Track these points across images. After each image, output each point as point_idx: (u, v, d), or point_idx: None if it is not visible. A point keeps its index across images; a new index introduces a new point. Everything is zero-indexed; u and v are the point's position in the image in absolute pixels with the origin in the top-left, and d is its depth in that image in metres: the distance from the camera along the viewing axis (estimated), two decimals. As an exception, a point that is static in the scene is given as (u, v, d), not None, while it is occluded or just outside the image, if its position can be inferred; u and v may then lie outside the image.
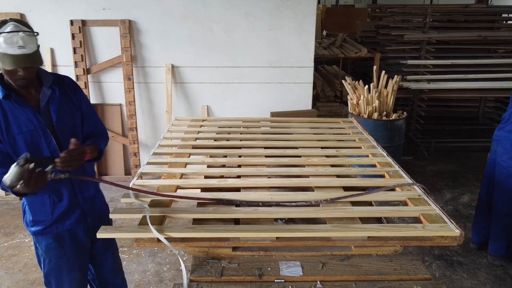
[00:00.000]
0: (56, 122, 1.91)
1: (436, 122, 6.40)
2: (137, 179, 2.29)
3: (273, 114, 4.63)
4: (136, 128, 4.73)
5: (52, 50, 4.57)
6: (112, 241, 2.35)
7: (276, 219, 2.07)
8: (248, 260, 1.80)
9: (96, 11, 4.47)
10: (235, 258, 1.80)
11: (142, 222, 1.77)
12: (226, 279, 1.69)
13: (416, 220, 1.95)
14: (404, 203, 2.09)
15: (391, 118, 4.28)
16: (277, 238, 1.75)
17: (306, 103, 4.80)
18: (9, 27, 1.69)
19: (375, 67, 4.40)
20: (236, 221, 1.91)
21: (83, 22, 4.48)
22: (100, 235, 1.73)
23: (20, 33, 1.68)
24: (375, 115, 4.25)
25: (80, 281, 2.16)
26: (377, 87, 4.33)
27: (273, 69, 4.67)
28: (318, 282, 1.70)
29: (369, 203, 2.15)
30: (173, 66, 4.63)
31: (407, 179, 2.31)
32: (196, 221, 1.94)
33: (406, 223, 1.93)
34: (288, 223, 2.06)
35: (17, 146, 1.83)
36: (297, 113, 4.61)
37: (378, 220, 2.05)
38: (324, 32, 9.54)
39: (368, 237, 1.77)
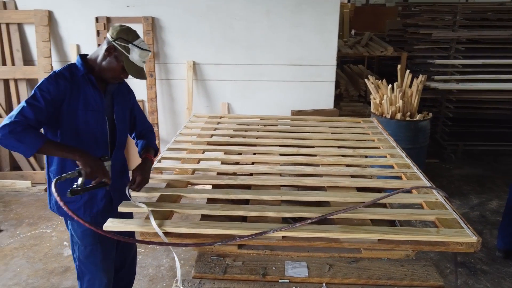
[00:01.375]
0: (115, 113, 2.07)
1: (465, 124, 6.15)
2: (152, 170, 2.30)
3: (294, 113, 4.57)
4: (157, 124, 4.78)
5: (78, 47, 4.67)
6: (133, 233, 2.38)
7: (285, 218, 2.04)
8: (253, 258, 1.77)
9: (121, 8, 4.54)
10: (240, 256, 1.77)
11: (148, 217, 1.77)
12: (229, 276, 1.67)
13: (432, 224, 1.87)
14: (420, 206, 2.01)
15: (415, 119, 4.15)
16: (283, 237, 1.71)
17: (327, 102, 4.71)
18: (141, 42, 1.93)
19: (399, 66, 4.28)
20: (244, 219, 1.88)
21: (108, 19, 4.56)
22: (106, 227, 1.74)
23: (150, 53, 1.99)
24: (398, 115, 4.12)
25: (111, 270, 2.19)
26: (401, 86, 4.20)
27: (294, 67, 4.61)
28: (324, 284, 1.65)
29: (382, 205, 2.08)
30: (194, 63, 4.65)
31: (425, 181, 2.22)
32: (204, 217, 1.93)
33: (426, 226, 1.85)
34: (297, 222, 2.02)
35: (76, 120, 1.90)
36: (318, 112, 4.53)
37: (391, 223, 1.98)
38: (353, 31, 9.37)
39: (378, 240, 1.71)
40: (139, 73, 1.96)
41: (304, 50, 4.57)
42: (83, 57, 1.99)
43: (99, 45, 4.55)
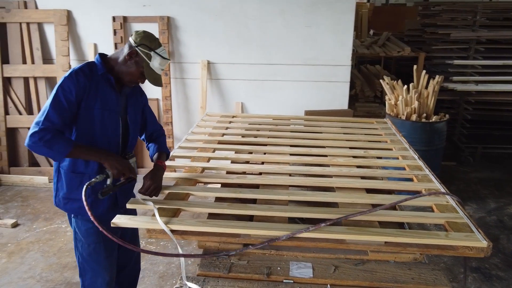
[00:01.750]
0: (129, 114, 2.10)
1: (484, 126, 6.02)
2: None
3: (307, 113, 4.54)
4: (171, 122, 4.82)
5: (95, 45, 4.75)
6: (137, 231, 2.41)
7: (293, 219, 2.03)
8: (259, 258, 1.76)
9: (137, 8, 4.59)
10: (245, 255, 1.77)
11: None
12: (234, 275, 1.67)
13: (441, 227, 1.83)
14: (431, 209, 1.97)
15: (431, 120, 4.07)
16: (287, 234, 1.70)
17: (342, 102, 4.67)
18: (163, 51, 1.97)
19: (415, 67, 4.21)
20: (251, 218, 1.88)
21: (125, 19, 4.63)
22: (113, 223, 1.77)
23: (169, 61, 2.06)
24: (414, 117, 4.06)
25: (113, 268, 2.21)
26: (417, 87, 4.13)
27: (308, 67, 4.59)
28: (329, 285, 1.63)
29: (392, 207, 2.04)
30: (208, 62, 4.67)
31: (437, 184, 2.18)
32: (211, 216, 1.93)
33: (440, 230, 1.81)
34: (306, 223, 2.00)
35: (91, 118, 1.93)
36: (332, 112, 4.49)
37: (400, 225, 1.95)
38: (371, 32, 9.25)
39: (385, 242, 1.68)
40: (156, 81, 1.99)
41: (319, 50, 4.54)
42: (102, 56, 2.02)
43: (115, 44, 4.63)
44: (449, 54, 5.66)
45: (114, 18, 4.61)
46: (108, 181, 1.92)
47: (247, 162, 2.61)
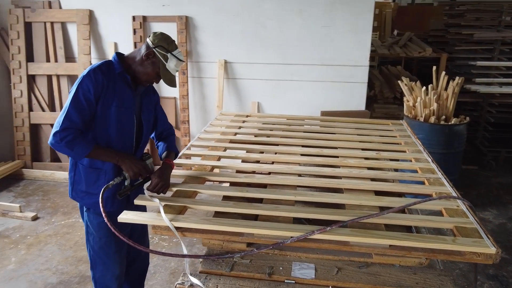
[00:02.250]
0: (143, 112, 2.15)
1: (507, 130, 5.83)
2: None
3: (324, 113, 4.51)
4: (188, 121, 4.88)
5: (115, 44, 4.85)
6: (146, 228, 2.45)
7: (299, 219, 2.02)
8: (261, 257, 1.77)
9: (156, 7, 4.66)
10: (248, 254, 1.77)
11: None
12: (235, 274, 1.68)
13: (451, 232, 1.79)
14: (440, 213, 1.93)
15: (450, 123, 3.98)
16: (291, 237, 1.70)
17: (359, 103, 4.61)
18: (179, 53, 2.02)
19: (434, 68, 4.11)
20: (257, 217, 1.88)
21: (144, 18, 4.70)
22: (120, 219, 1.80)
23: (183, 63, 2.04)
24: (432, 119, 3.97)
25: (123, 262, 2.27)
26: (436, 89, 4.04)
27: (325, 67, 4.55)
28: (330, 287, 1.62)
29: (400, 210, 2.01)
30: (226, 62, 4.70)
31: (448, 188, 2.13)
32: (218, 214, 1.94)
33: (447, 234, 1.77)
34: (312, 224, 1.99)
35: (108, 115, 1.97)
36: (349, 113, 4.44)
37: (408, 229, 1.91)
38: (395, 32, 9.10)
39: (390, 245, 1.66)
40: (171, 81, 2.04)
41: (336, 50, 4.50)
42: (119, 55, 2.06)
43: (135, 43, 4.71)
44: (473, 55, 5.50)
45: (134, 18, 4.70)
46: (126, 183, 1.99)
47: (258, 162, 2.62)
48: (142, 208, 2.20)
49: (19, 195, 4.49)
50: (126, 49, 4.81)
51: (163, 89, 4.93)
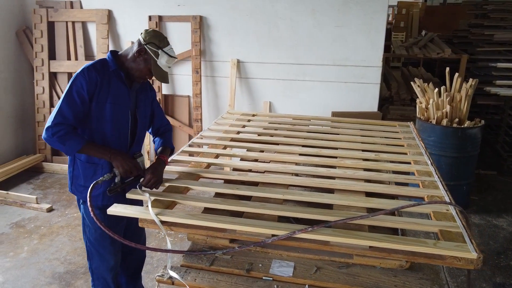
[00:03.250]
0: (139, 109, 2.19)
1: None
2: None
3: (334, 114, 4.48)
4: (201, 119, 4.95)
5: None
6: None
7: (288, 218, 2.03)
8: (243, 253, 1.79)
9: (172, 7, 4.75)
10: (230, 251, 1.80)
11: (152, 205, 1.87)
12: (215, 268, 1.71)
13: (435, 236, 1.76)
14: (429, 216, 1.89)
15: (463, 126, 3.87)
16: (273, 235, 1.71)
17: (371, 104, 4.56)
18: (170, 49, 2.05)
19: (447, 69, 4.01)
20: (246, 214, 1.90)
21: (160, 18, 4.81)
22: (110, 211, 1.87)
23: (176, 59, 2.12)
24: (445, 121, 3.88)
25: (118, 253, 2.33)
26: (450, 90, 3.95)
27: (337, 67, 4.52)
28: (307, 286, 1.63)
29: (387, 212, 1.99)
30: (238, 61, 4.74)
31: (442, 191, 2.08)
32: (207, 210, 1.98)
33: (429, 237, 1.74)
34: (299, 223, 2.00)
35: (103, 112, 2.03)
36: (359, 114, 4.40)
37: (394, 231, 1.89)
38: (423, 32, 8.88)
39: (370, 247, 1.65)
40: (163, 78, 2.08)
41: (349, 50, 4.46)
42: (114, 53, 2.12)
43: (150, 42, 4.81)
44: (496, 56, 5.33)
45: (150, 18, 4.81)
46: (116, 180, 2.02)
47: (256, 160, 2.64)
48: (139, 202, 2.27)
49: (38, 187, 4.68)
50: (143, 48, 4.92)
51: (178, 88, 5.03)
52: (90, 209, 1.85)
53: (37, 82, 5.12)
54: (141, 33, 2.05)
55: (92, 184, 1.92)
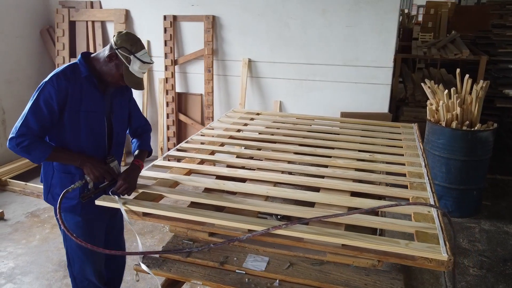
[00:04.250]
0: (114, 113, 2.11)
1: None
2: (161, 159, 2.50)
3: (343, 114, 4.46)
4: (212, 117, 5.03)
5: (148, 42, 5.11)
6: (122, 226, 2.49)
7: (271, 215, 2.07)
8: (221, 247, 1.84)
9: (186, 7, 4.86)
10: (209, 243, 1.85)
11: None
12: (191, 260, 1.76)
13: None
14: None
15: (473, 129, 3.77)
16: (249, 230, 1.75)
17: (382, 105, 4.51)
18: (143, 54, 1.93)
19: (458, 70, 3.92)
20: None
21: (174, 17, 4.92)
22: (97, 203, 1.94)
23: (151, 65, 2.01)
24: (454, 124, 3.79)
25: (101, 259, 2.29)
26: (461, 92, 3.85)
27: (348, 68, 4.50)
28: (277, 281, 1.66)
29: (375, 212, 1.99)
30: (249, 61, 4.79)
31: (429, 193, 2.06)
32: (193, 204, 2.04)
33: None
34: (282, 220, 2.03)
35: (77, 121, 1.95)
36: (369, 115, 4.35)
37: (374, 231, 1.89)
38: (453, 32, 8.64)
39: (342, 245, 1.66)
40: (137, 84, 1.96)
41: (360, 51, 4.43)
42: (85, 56, 1.99)
43: (165, 41, 4.94)
44: (517, 58, 5.16)
45: (165, 17, 4.93)
46: (89, 186, 1.95)
47: (251, 158, 2.68)
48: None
49: (55, 179, 4.88)
50: (158, 46, 5.07)
51: (191, 86, 5.13)
52: (58, 216, 1.80)
53: (58, 79, 5.33)
54: (114, 36, 1.94)
55: (62, 192, 1.86)
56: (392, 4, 4.20)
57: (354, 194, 2.10)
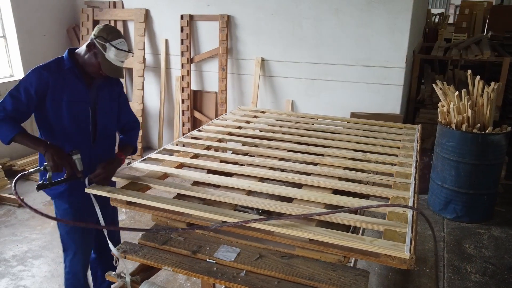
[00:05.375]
0: (99, 105, 2.21)
1: None
2: (157, 152, 2.60)
3: (353, 115, 4.43)
4: (226, 115, 5.12)
5: (166, 41, 5.27)
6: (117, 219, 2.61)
7: (253, 209, 2.12)
8: (197, 237, 1.91)
9: (202, 7, 4.97)
10: (186, 233, 1.93)
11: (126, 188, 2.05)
12: (166, 248, 1.85)
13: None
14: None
15: (484, 132, 3.67)
16: (223, 221, 1.82)
17: (393, 106, 4.45)
18: (120, 43, 2.04)
19: (469, 71, 3.81)
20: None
21: (191, 17, 5.05)
22: (87, 190, 2.06)
23: (130, 54, 2.12)
24: (464, 126, 3.70)
25: (89, 247, 2.43)
26: (473, 94, 3.75)
27: (360, 68, 4.47)
28: (244, 271, 1.71)
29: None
30: (262, 60, 4.84)
31: (411, 194, 2.05)
32: (179, 196, 2.12)
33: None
34: (263, 214, 2.08)
35: (60, 109, 2.07)
36: (378, 116, 4.30)
37: (348, 228, 1.91)
38: (490, 33, 8.37)
39: (310, 239, 1.69)
40: (116, 72, 2.07)
41: (372, 51, 4.39)
42: (70, 51, 2.15)
43: (182, 40, 5.08)
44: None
45: (182, 16, 5.07)
46: (48, 175, 1.92)
47: (246, 154, 2.74)
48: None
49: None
50: (175, 45, 5.21)
51: (206, 84, 5.24)
52: (16, 197, 1.81)
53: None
54: (94, 28, 2.09)
55: (18, 175, 1.90)
56: (404, 3, 4.14)
57: (337, 192, 2.13)
